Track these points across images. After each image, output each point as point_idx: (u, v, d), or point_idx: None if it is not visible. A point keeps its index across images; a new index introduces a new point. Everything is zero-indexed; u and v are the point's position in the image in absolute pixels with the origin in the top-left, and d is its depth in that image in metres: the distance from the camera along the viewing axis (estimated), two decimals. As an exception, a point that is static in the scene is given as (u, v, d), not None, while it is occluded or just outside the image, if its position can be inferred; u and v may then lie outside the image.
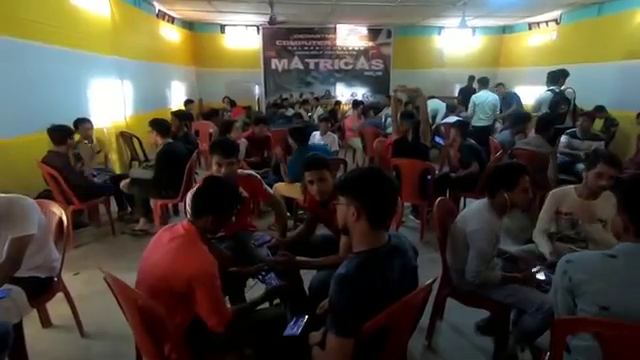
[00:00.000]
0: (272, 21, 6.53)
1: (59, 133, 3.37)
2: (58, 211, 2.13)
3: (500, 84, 7.20)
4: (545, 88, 5.07)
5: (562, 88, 4.97)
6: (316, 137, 4.72)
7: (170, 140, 3.66)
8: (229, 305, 2.00)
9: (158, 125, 3.65)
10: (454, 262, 2.00)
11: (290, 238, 2.26)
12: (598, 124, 6.01)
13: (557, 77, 5.15)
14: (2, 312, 1.68)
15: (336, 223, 2.08)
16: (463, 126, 4.06)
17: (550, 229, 2.30)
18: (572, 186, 2.29)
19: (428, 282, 1.30)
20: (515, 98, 6.91)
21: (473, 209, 2.00)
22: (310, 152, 3.06)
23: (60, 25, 4.25)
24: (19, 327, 1.81)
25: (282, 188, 3.60)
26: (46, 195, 3.46)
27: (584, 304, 1.19)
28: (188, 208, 2.22)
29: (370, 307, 1.18)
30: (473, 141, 4.05)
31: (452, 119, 5.96)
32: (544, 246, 2.17)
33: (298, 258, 2.05)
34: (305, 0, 6.43)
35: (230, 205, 1.62)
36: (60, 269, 2.09)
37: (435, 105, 6.97)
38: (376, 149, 4.59)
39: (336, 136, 4.81)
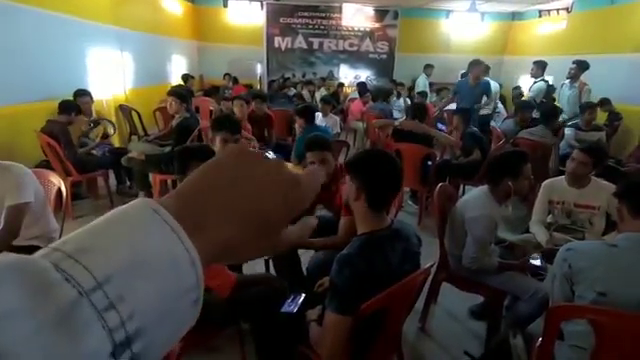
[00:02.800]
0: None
1: (66, 104, 3.37)
2: (57, 181, 2.11)
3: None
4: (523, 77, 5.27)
5: (577, 83, 5.18)
6: (318, 118, 4.67)
7: (188, 114, 3.63)
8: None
9: (181, 95, 3.60)
10: (452, 247, 2.01)
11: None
12: (602, 117, 5.98)
13: (545, 66, 5.49)
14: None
15: (336, 205, 2.10)
16: (465, 113, 4.02)
17: (546, 219, 2.34)
18: (562, 176, 2.34)
19: (427, 265, 1.31)
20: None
21: (473, 196, 2.00)
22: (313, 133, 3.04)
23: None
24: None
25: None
26: (44, 166, 3.46)
27: (583, 290, 1.21)
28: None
29: (369, 288, 1.20)
30: (475, 129, 4.03)
31: (454, 106, 5.88)
32: (541, 234, 2.22)
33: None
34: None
35: (200, 155, 1.62)
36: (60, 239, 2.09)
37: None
38: (378, 133, 4.55)
39: (338, 118, 4.77)
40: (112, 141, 4.57)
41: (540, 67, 5.54)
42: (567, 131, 4.34)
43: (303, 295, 1.56)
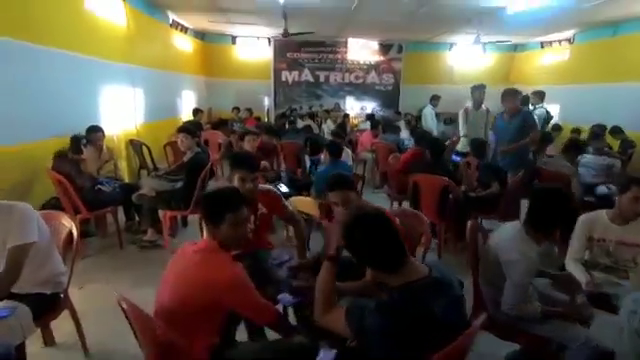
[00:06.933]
0: (285, 33, 6.53)
1: (77, 143, 3.38)
2: (68, 223, 2.02)
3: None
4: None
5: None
6: (327, 151, 4.62)
7: (200, 150, 3.62)
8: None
9: (192, 131, 3.62)
10: (488, 291, 1.86)
11: (311, 259, 2.14)
12: (614, 145, 5.91)
13: (543, 96, 5.74)
14: (6, 332, 1.56)
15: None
16: (480, 144, 3.96)
17: (584, 257, 2.18)
18: (603, 211, 2.20)
19: (478, 320, 1.18)
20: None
21: (507, 236, 1.86)
22: (341, 169, 2.98)
23: (74, 31, 4.23)
24: (21, 348, 1.69)
25: (298, 202, 3.48)
26: (53, 204, 3.39)
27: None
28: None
29: (409, 340, 1.13)
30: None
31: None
32: (580, 274, 2.06)
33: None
34: (319, 14, 6.44)
35: (234, 204, 1.51)
36: (67, 284, 1.97)
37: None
38: (391, 165, 4.47)
39: (350, 151, 4.72)
40: (122, 176, 4.53)
41: (539, 97, 5.78)
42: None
43: (334, 352, 1.41)
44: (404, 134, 6.38)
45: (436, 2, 5.26)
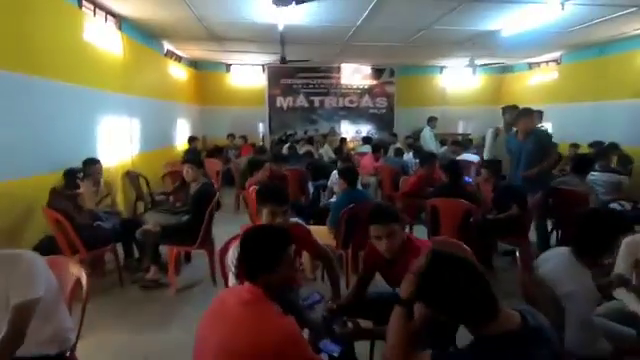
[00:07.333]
0: (283, 60, 6.54)
1: (72, 177, 3.14)
2: (77, 271, 1.80)
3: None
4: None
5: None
6: (335, 176, 4.50)
7: (206, 180, 3.44)
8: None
9: (198, 162, 3.47)
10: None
11: (347, 300, 1.96)
12: (613, 161, 5.97)
13: (542, 115, 5.70)
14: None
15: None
16: (495, 164, 3.89)
17: (631, 281, 2.06)
18: None
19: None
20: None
21: (557, 264, 1.74)
22: (359, 197, 2.83)
23: (72, 62, 4.09)
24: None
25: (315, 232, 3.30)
26: (46, 244, 3.12)
27: None
28: (230, 263, 1.94)
29: None
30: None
31: (470, 156, 5.84)
32: (632, 302, 1.93)
33: (364, 325, 1.75)
34: (316, 40, 6.48)
35: (286, 241, 1.36)
36: (76, 341, 1.73)
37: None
38: (402, 188, 4.37)
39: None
40: (119, 209, 4.28)
41: (537, 116, 5.74)
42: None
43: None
44: (406, 156, 6.33)
45: (433, 27, 5.34)
